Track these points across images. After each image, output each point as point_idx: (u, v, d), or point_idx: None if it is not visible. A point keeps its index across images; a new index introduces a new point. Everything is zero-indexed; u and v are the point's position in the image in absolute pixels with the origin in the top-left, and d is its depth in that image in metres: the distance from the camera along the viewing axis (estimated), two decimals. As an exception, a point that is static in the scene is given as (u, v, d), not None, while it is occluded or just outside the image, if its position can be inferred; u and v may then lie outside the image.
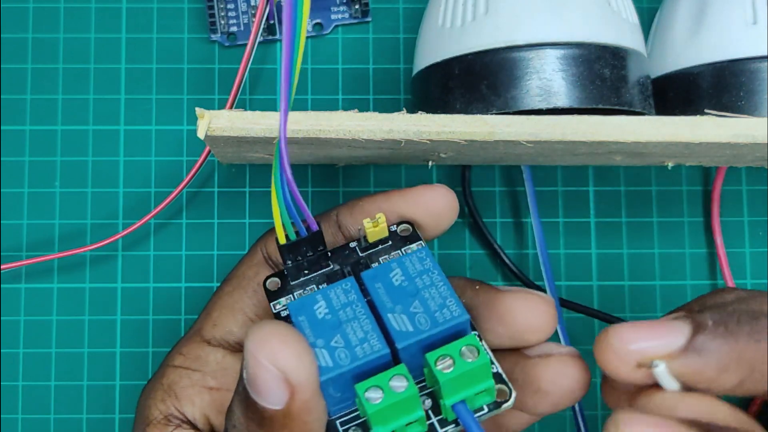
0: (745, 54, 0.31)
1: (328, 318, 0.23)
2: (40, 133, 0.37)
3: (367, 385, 0.22)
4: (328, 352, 0.23)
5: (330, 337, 0.23)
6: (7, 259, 0.36)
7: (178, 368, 0.28)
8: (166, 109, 0.37)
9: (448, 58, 0.31)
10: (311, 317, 0.23)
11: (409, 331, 0.23)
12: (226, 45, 0.37)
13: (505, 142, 0.28)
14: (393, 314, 0.23)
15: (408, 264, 0.24)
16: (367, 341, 0.23)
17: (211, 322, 0.28)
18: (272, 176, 0.23)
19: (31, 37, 0.37)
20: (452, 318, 0.23)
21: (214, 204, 0.37)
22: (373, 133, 0.27)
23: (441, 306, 0.23)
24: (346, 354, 0.23)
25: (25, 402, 0.36)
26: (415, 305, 0.23)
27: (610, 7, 0.31)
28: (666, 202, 0.38)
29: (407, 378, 0.22)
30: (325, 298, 0.24)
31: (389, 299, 0.24)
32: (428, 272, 0.24)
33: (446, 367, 0.22)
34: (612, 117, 0.28)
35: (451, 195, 0.27)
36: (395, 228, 0.27)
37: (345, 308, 0.23)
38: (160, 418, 0.27)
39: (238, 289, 0.28)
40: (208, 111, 0.27)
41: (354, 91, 0.38)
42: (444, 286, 0.24)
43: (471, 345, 0.23)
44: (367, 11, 0.38)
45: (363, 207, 0.28)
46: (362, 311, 0.23)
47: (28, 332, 0.36)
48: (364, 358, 0.23)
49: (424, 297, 0.24)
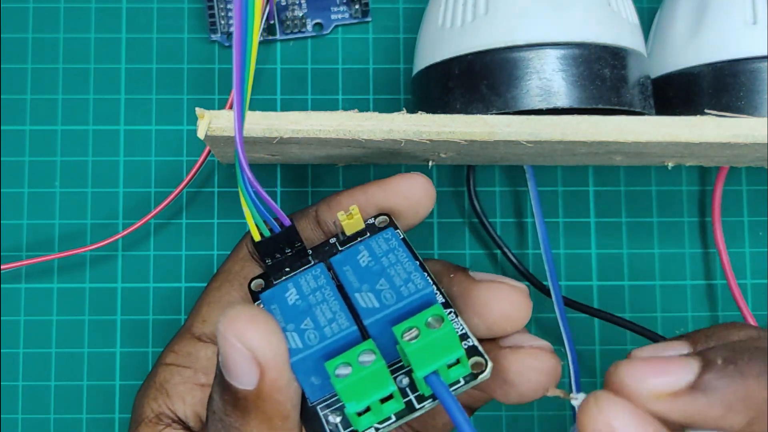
0: (745, 54, 0.31)
1: (299, 303, 0.24)
2: (40, 133, 0.37)
3: (336, 363, 0.23)
4: (298, 334, 0.23)
5: (300, 320, 0.23)
6: (7, 259, 0.36)
7: (170, 366, 0.28)
8: (166, 109, 0.37)
9: (448, 58, 0.31)
10: (283, 304, 0.24)
11: (375, 307, 0.23)
12: (226, 45, 0.37)
13: (505, 142, 0.28)
14: (360, 293, 0.24)
15: (374, 245, 0.25)
16: (335, 321, 0.23)
17: (200, 318, 0.29)
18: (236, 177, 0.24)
19: (31, 37, 0.37)
20: (416, 290, 0.23)
21: (214, 204, 0.37)
22: (373, 133, 0.27)
23: (406, 281, 0.24)
24: (315, 335, 0.23)
25: (25, 402, 0.36)
26: (381, 282, 0.24)
27: (610, 7, 0.31)
28: (666, 202, 0.38)
29: (375, 352, 0.23)
30: (295, 286, 0.24)
31: (356, 279, 0.24)
32: (393, 251, 0.24)
33: (412, 337, 0.23)
34: (612, 117, 0.28)
35: (427, 183, 0.27)
36: (373, 220, 0.27)
37: (315, 293, 0.24)
38: (152, 417, 0.28)
39: (225, 284, 0.29)
40: (208, 111, 0.27)
41: (354, 91, 0.38)
42: (409, 262, 0.24)
43: (436, 315, 0.23)
44: (367, 11, 0.38)
45: (341, 201, 0.28)
46: (331, 294, 0.24)
47: (28, 332, 0.36)
48: (333, 337, 0.23)
49: (389, 274, 0.24)
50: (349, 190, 0.28)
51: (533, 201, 0.36)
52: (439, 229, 0.37)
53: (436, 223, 0.37)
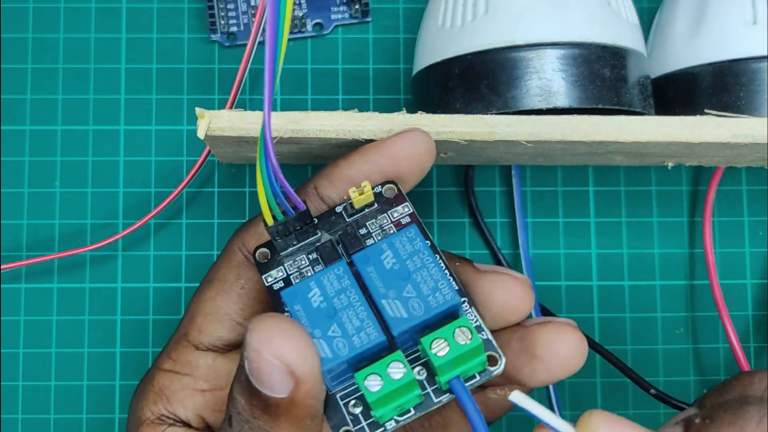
0: (745, 54, 0.31)
1: (323, 306, 0.24)
2: (40, 133, 0.37)
3: (366, 373, 0.23)
4: (326, 342, 0.23)
5: (327, 326, 0.23)
6: (7, 259, 0.36)
7: (168, 372, 0.28)
8: (166, 109, 0.37)
9: (448, 58, 0.31)
10: (306, 306, 0.24)
11: (403, 317, 0.23)
12: (226, 45, 0.37)
13: (505, 142, 0.28)
14: (387, 300, 0.24)
15: (398, 245, 0.24)
16: (364, 330, 0.23)
17: (196, 327, 0.28)
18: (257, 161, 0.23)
19: (31, 37, 0.37)
20: (445, 302, 0.23)
21: (214, 204, 0.37)
22: (373, 133, 0.27)
23: (433, 289, 0.24)
24: (344, 344, 0.23)
25: (25, 402, 0.36)
26: (408, 290, 0.24)
27: (610, 6, 0.31)
28: (666, 202, 0.38)
29: (404, 365, 0.23)
30: (318, 285, 0.24)
31: (382, 284, 0.24)
32: (418, 253, 0.24)
33: (441, 350, 0.23)
34: (612, 117, 0.28)
35: (425, 137, 0.27)
36: (380, 189, 0.27)
37: (339, 295, 0.24)
38: (153, 418, 0.27)
39: (221, 294, 0.28)
40: (208, 111, 0.27)
41: (354, 91, 0.38)
42: (435, 267, 0.24)
43: (464, 327, 0.23)
44: (367, 11, 0.38)
45: (341, 173, 0.27)
46: (356, 298, 0.24)
47: (28, 332, 0.36)
48: (362, 347, 0.23)
49: (416, 280, 0.24)
50: (345, 158, 0.27)
51: (516, 200, 0.36)
52: (440, 229, 0.37)
53: (436, 223, 0.37)
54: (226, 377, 0.28)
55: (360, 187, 0.26)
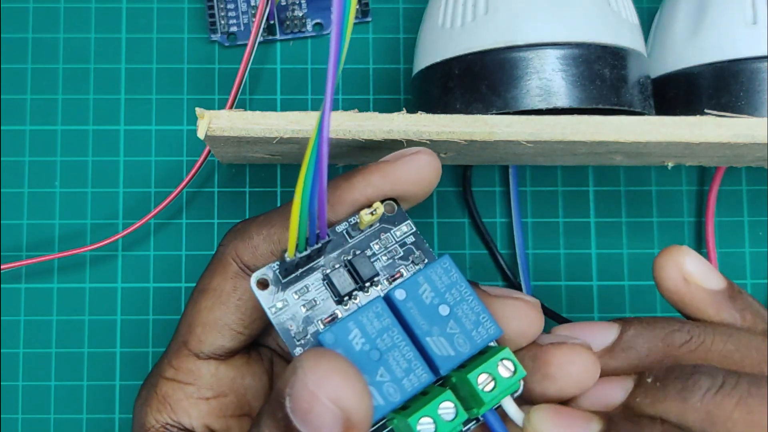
0: (745, 54, 0.31)
1: (367, 349, 0.23)
2: (40, 133, 0.37)
3: (419, 417, 0.22)
4: (376, 388, 0.22)
5: (374, 371, 0.22)
6: (7, 259, 0.36)
7: (171, 381, 0.28)
8: (166, 109, 0.37)
9: (448, 58, 0.31)
10: (349, 350, 0.23)
11: (450, 355, 0.23)
12: (226, 45, 0.37)
13: (505, 142, 0.28)
14: (431, 338, 0.23)
15: (435, 278, 0.24)
16: (413, 372, 0.23)
17: (196, 338, 0.27)
18: (301, 181, 0.21)
19: (31, 37, 0.37)
20: (488, 336, 0.23)
21: (214, 204, 0.37)
22: (373, 133, 0.27)
23: (476, 323, 0.23)
24: (394, 389, 0.22)
25: (25, 402, 0.36)
26: (451, 325, 0.23)
27: (610, 7, 0.31)
28: (666, 202, 0.38)
29: (455, 404, 0.22)
30: (358, 326, 0.23)
31: (424, 320, 0.23)
32: (456, 285, 0.24)
33: (488, 386, 0.23)
34: (612, 117, 0.28)
35: (432, 159, 0.26)
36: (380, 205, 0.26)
37: (381, 335, 0.23)
38: (158, 427, 0.27)
39: (217, 305, 0.27)
40: (208, 111, 0.27)
41: (354, 91, 0.38)
42: (474, 300, 0.24)
43: (506, 359, 0.23)
44: (367, 11, 0.38)
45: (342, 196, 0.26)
46: (400, 338, 0.23)
47: (28, 332, 0.36)
48: (413, 390, 0.22)
49: (457, 315, 0.23)
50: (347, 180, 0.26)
51: (513, 200, 0.36)
52: (440, 229, 0.37)
53: (437, 223, 0.37)
54: (230, 383, 0.28)
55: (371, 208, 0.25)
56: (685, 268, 0.27)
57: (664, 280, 0.27)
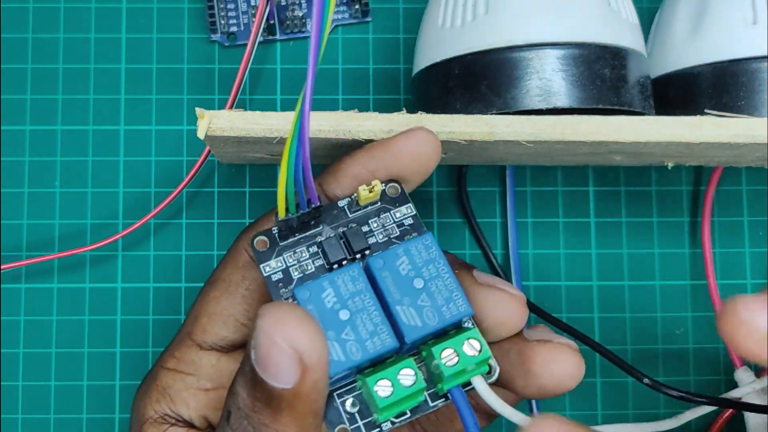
0: (745, 54, 0.31)
1: (337, 308, 0.24)
2: (40, 133, 0.37)
3: (377, 378, 0.23)
4: (339, 344, 0.23)
5: (340, 329, 0.23)
6: (7, 259, 0.36)
7: (171, 371, 0.28)
8: (166, 109, 0.37)
9: (448, 58, 0.31)
10: (320, 306, 0.24)
11: (417, 326, 0.24)
12: (226, 45, 0.37)
13: (505, 142, 0.28)
14: (401, 307, 0.24)
15: (414, 252, 0.24)
16: (378, 335, 0.23)
17: (200, 327, 0.28)
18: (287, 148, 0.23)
19: (31, 37, 0.37)
20: (458, 313, 0.24)
21: (214, 204, 0.37)
22: (373, 133, 0.27)
23: (448, 300, 0.24)
24: (357, 348, 0.23)
25: (25, 402, 0.36)
26: (423, 298, 0.24)
27: (610, 7, 0.31)
28: (666, 202, 0.38)
29: (415, 372, 0.23)
30: (332, 286, 0.24)
31: (397, 290, 0.24)
32: (434, 262, 0.24)
33: (450, 360, 0.23)
34: (612, 117, 0.28)
35: (431, 136, 0.27)
36: (383, 187, 0.27)
37: (353, 297, 0.24)
38: (156, 417, 0.27)
39: (225, 295, 0.28)
40: (208, 111, 0.27)
41: (354, 91, 0.38)
42: (450, 278, 0.24)
43: (473, 339, 0.24)
44: (367, 11, 0.38)
45: (346, 169, 0.27)
46: (371, 302, 0.24)
47: (28, 332, 0.36)
48: (375, 352, 0.23)
49: (430, 290, 0.24)
50: (351, 155, 0.27)
51: (509, 200, 0.36)
52: (439, 229, 0.37)
53: (437, 223, 0.37)
54: (230, 376, 0.28)
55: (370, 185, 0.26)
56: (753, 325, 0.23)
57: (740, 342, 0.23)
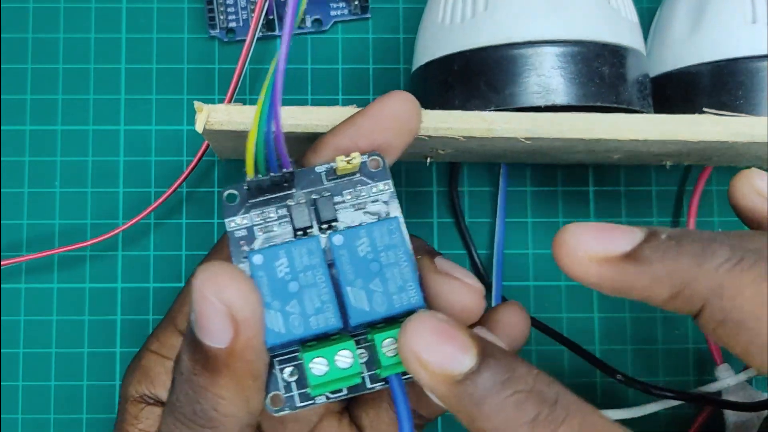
0: (744, 53, 0.31)
1: (288, 279, 0.23)
2: (40, 133, 0.37)
3: (314, 356, 0.23)
4: (282, 316, 0.23)
5: (286, 300, 0.23)
6: (7, 259, 0.36)
7: (154, 353, 0.28)
8: (166, 109, 0.37)
9: (447, 54, 0.31)
10: (271, 274, 0.23)
11: (364, 309, 0.23)
12: (225, 41, 0.37)
13: (503, 139, 0.28)
14: (352, 288, 0.23)
15: (376, 234, 0.24)
16: (323, 313, 0.23)
17: (183, 314, 0.28)
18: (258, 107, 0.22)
19: (31, 37, 0.37)
20: (408, 304, 0.23)
21: (213, 203, 0.37)
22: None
23: (400, 288, 0.23)
24: (299, 322, 0.23)
25: (25, 402, 0.36)
26: (375, 283, 0.23)
27: (610, 5, 0.31)
28: (666, 202, 0.38)
29: (354, 355, 0.23)
30: (288, 256, 0.23)
31: (351, 270, 0.23)
32: (395, 248, 0.24)
33: (390, 351, 0.23)
34: (610, 115, 0.28)
35: (410, 96, 0.26)
36: (365, 158, 0.26)
37: (306, 271, 0.23)
38: (137, 396, 0.28)
39: None
40: (206, 105, 0.27)
41: (354, 90, 0.38)
42: (408, 267, 0.24)
43: None
44: (366, 7, 0.38)
45: (327, 141, 0.26)
46: (323, 278, 0.23)
47: (28, 332, 0.36)
48: (317, 329, 0.23)
49: (385, 276, 0.23)
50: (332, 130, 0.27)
51: (500, 199, 0.36)
52: (432, 227, 0.37)
53: (436, 223, 0.37)
54: None
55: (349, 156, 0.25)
56: (757, 186, 0.25)
57: (739, 199, 0.25)
